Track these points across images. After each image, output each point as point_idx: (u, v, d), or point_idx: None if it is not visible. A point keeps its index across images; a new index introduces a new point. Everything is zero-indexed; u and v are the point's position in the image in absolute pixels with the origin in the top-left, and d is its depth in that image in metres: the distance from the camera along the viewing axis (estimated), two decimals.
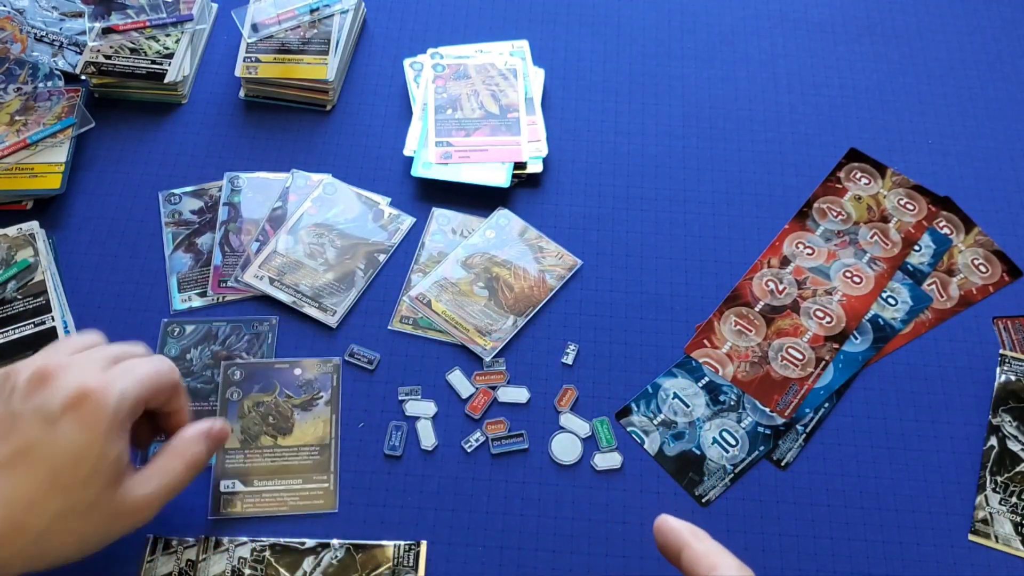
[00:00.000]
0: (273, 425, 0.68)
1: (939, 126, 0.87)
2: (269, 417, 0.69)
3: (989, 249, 0.79)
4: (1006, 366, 0.72)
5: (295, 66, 0.84)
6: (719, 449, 0.69)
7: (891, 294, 0.77)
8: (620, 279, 0.77)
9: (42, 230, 0.76)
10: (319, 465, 0.67)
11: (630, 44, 0.91)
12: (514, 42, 0.89)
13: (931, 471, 0.68)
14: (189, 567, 0.62)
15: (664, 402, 0.71)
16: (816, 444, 0.70)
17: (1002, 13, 0.94)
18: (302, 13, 0.87)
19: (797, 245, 0.79)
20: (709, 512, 0.67)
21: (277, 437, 0.68)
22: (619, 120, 0.86)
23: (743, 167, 0.83)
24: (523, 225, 0.79)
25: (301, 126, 0.85)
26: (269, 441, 0.68)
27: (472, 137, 0.82)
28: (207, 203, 0.80)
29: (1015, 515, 0.66)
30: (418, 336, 0.73)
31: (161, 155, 0.82)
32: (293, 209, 0.79)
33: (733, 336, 0.74)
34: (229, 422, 0.62)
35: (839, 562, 0.65)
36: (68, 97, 0.82)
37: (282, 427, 0.68)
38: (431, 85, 0.85)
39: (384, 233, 0.78)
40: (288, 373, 0.71)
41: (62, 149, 0.80)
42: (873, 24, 0.94)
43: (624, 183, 0.82)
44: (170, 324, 0.73)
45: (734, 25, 0.93)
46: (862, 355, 0.73)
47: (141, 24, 0.86)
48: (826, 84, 0.89)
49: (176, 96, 0.86)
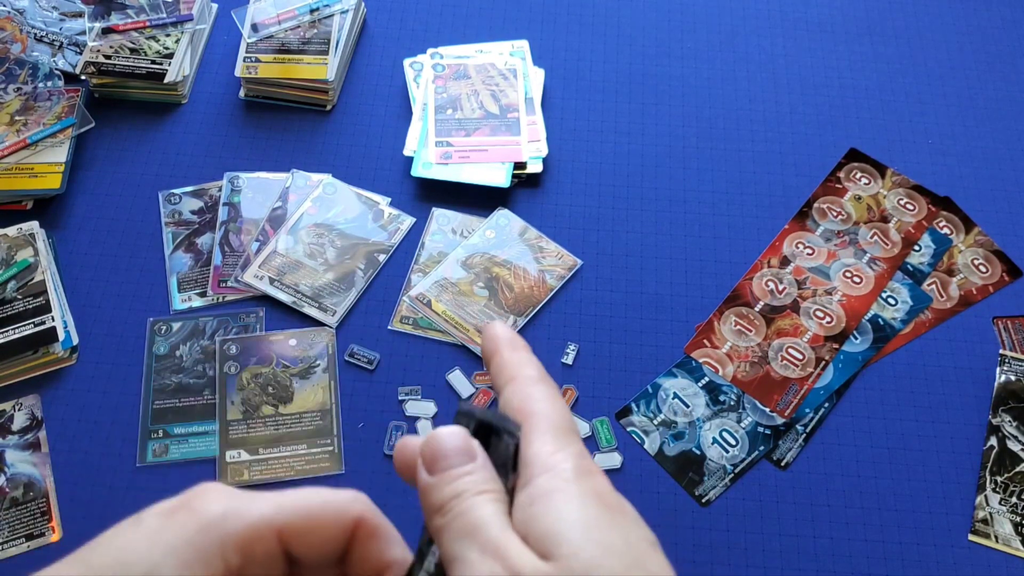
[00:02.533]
0: (273, 395, 0.69)
1: (939, 126, 0.87)
2: (268, 387, 0.70)
3: (989, 249, 0.79)
4: (1006, 366, 0.72)
5: (295, 66, 0.84)
6: (719, 449, 0.69)
7: (891, 294, 0.76)
8: (620, 279, 0.77)
9: (42, 230, 0.76)
10: (322, 430, 0.68)
11: (630, 44, 0.91)
12: (514, 42, 0.89)
13: (931, 471, 0.68)
14: None
15: (664, 402, 0.71)
16: (816, 444, 0.70)
17: (1002, 13, 0.94)
18: (302, 13, 0.87)
19: (797, 245, 0.79)
20: (709, 512, 0.67)
21: (278, 406, 0.69)
22: (619, 120, 0.86)
23: (743, 167, 0.83)
24: (523, 225, 0.79)
25: (301, 126, 0.85)
26: (270, 410, 0.69)
27: (472, 137, 0.82)
28: (207, 203, 0.80)
29: (1015, 515, 0.66)
30: (418, 336, 0.73)
31: (161, 155, 0.82)
32: (293, 209, 0.79)
33: (733, 336, 0.74)
34: None
35: (839, 562, 0.65)
36: (68, 97, 0.82)
37: (282, 396, 0.70)
38: (431, 85, 0.85)
39: (384, 233, 0.78)
40: (283, 344, 0.72)
41: (62, 149, 0.80)
42: (873, 24, 0.94)
43: (624, 183, 0.82)
44: (156, 323, 0.73)
45: (734, 25, 0.93)
46: (862, 355, 0.73)
47: (141, 24, 0.86)
48: (826, 84, 0.89)
49: (176, 96, 0.85)
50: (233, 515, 0.27)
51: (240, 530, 0.27)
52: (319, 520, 0.28)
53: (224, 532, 0.27)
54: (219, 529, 0.27)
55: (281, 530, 0.27)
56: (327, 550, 0.28)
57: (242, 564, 0.27)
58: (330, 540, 0.28)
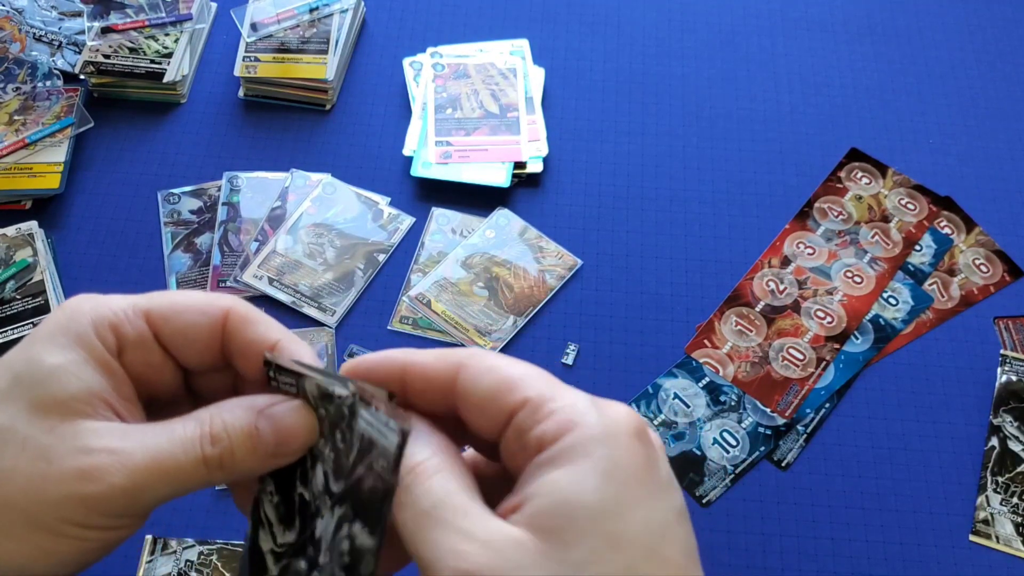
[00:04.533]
0: None
1: (940, 125, 0.86)
2: None
3: (990, 249, 0.79)
4: (1007, 366, 0.72)
5: (294, 65, 0.84)
6: (720, 449, 0.69)
7: (892, 294, 0.76)
8: (620, 279, 0.77)
9: (41, 230, 0.76)
10: None
11: (630, 43, 0.91)
12: (514, 41, 0.89)
13: (932, 472, 0.68)
14: (188, 567, 0.62)
15: (664, 402, 0.71)
16: (817, 444, 0.69)
17: (1003, 12, 0.94)
18: (301, 12, 0.87)
19: (798, 245, 0.79)
20: (710, 513, 0.66)
21: None
22: (619, 119, 0.86)
23: (743, 166, 0.83)
24: (523, 225, 0.79)
25: (300, 126, 0.84)
26: None
27: (472, 137, 0.81)
28: (206, 203, 0.79)
29: (1016, 516, 0.66)
30: (418, 336, 0.73)
31: (160, 155, 0.82)
32: (292, 209, 0.79)
33: (734, 336, 0.74)
34: None
35: (840, 563, 0.64)
36: (67, 96, 0.82)
37: None
38: (431, 84, 0.85)
39: (383, 233, 0.78)
40: None
41: (61, 149, 0.80)
42: (874, 23, 0.93)
43: (624, 182, 0.82)
44: None
45: (735, 24, 0.93)
46: (863, 355, 0.73)
47: (140, 23, 0.86)
48: (827, 83, 0.89)
49: (175, 96, 0.85)
50: (102, 304, 0.28)
51: (108, 314, 0.28)
52: (185, 307, 0.29)
53: (95, 315, 0.28)
54: (89, 315, 0.28)
55: (148, 313, 0.28)
56: (202, 346, 0.29)
57: (118, 344, 0.28)
58: (201, 331, 0.29)
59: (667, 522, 0.23)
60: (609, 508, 0.23)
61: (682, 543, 0.24)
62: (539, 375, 0.26)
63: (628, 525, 0.23)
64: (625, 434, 0.24)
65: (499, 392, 0.25)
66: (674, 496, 0.24)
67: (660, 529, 0.23)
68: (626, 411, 0.25)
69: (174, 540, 0.63)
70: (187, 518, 0.64)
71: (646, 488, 0.24)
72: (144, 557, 0.62)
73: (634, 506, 0.23)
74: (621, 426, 0.24)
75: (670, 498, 0.24)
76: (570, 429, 0.24)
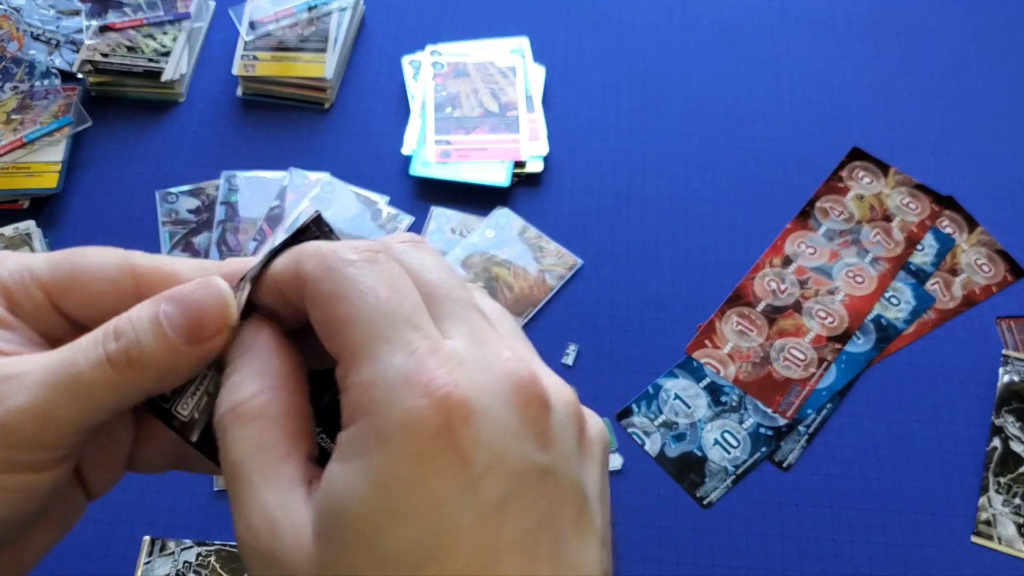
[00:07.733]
0: None
1: (942, 125, 0.86)
2: None
3: (992, 249, 0.79)
4: (1009, 367, 0.72)
5: (293, 64, 0.84)
6: (721, 450, 0.69)
7: (894, 294, 0.76)
8: (621, 279, 0.76)
9: (38, 229, 0.76)
10: None
11: (631, 41, 0.91)
12: (514, 39, 0.89)
13: (934, 472, 0.68)
14: (186, 569, 0.61)
15: (665, 403, 0.70)
16: (818, 445, 0.69)
17: (1006, 11, 0.94)
18: (300, 10, 0.87)
19: (799, 244, 0.79)
20: (711, 514, 0.66)
21: None
22: (620, 118, 0.85)
23: (744, 166, 0.83)
24: (523, 224, 0.79)
25: (299, 124, 0.84)
26: None
27: (472, 135, 0.81)
28: (204, 202, 0.79)
29: (1018, 517, 0.66)
30: None
31: (158, 154, 0.82)
32: (291, 208, 0.79)
33: (735, 336, 0.74)
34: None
35: (841, 564, 0.64)
36: (65, 95, 0.82)
37: None
38: (430, 83, 0.85)
39: (383, 232, 0.78)
40: None
41: (59, 148, 0.79)
42: (876, 22, 0.93)
43: (625, 182, 0.82)
44: None
45: (736, 23, 0.92)
46: (864, 355, 0.73)
47: (138, 22, 0.85)
48: (828, 82, 0.88)
49: (173, 94, 0.85)
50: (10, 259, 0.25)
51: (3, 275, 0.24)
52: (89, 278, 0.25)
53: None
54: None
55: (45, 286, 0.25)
56: (111, 313, 0.24)
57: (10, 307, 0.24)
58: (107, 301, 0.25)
59: (450, 533, 0.19)
60: (378, 520, 0.19)
61: (465, 557, 0.19)
62: (372, 307, 0.21)
63: (397, 542, 0.19)
64: (423, 430, 0.19)
65: (325, 332, 0.21)
66: (488, 491, 0.19)
67: (436, 543, 0.19)
68: (452, 395, 0.20)
69: (172, 541, 0.63)
70: (185, 519, 0.64)
71: (434, 494, 0.19)
72: (142, 558, 0.62)
73: (410, 518, 0.19)
74: (425, 417, 0.19)
75: (473, 500, 0.19)
76: (357, 419, 0.20)
